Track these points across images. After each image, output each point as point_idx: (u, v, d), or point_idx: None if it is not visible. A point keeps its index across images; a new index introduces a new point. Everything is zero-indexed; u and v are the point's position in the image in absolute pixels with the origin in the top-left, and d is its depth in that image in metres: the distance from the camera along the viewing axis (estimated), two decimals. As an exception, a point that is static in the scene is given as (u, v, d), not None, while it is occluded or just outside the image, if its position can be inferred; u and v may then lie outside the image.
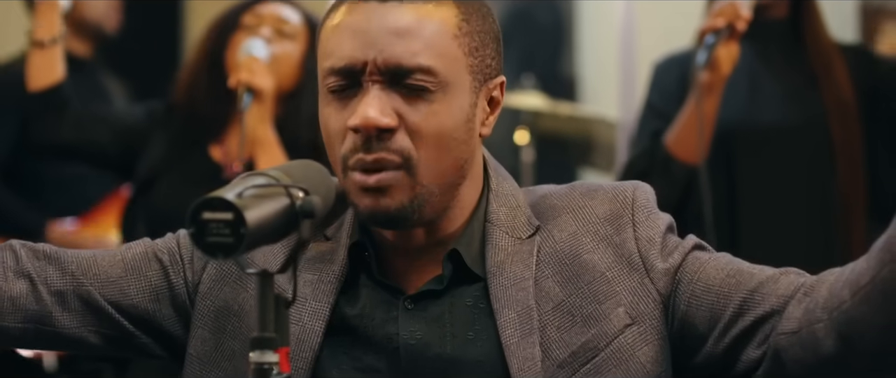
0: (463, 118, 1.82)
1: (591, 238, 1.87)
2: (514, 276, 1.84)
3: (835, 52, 3.43)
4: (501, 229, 1.87)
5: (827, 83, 3.41)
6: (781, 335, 1.76)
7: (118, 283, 1.91)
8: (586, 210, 1.89)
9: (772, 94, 3.44)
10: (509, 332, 1.82)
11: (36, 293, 1.89)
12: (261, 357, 1.54)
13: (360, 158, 1.78)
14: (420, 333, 1.83)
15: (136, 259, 1.92)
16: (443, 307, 1.84)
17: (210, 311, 1.89)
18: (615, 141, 4.66)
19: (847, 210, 3.42)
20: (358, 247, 1.87)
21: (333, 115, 1.81)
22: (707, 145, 3.24)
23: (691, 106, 3.26)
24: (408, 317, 1.84)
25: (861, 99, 3.41)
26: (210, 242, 1.53)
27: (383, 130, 1.77)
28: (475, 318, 1.84)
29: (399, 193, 1.79)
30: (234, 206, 1.52)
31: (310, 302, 1.85)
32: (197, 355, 1.89)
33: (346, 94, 1.80)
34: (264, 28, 3.35)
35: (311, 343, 1.83)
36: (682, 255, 1.86)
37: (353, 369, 1.84)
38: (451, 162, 1.82)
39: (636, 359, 1.83)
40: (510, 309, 1.83)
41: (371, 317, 1.85)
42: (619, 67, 4.77)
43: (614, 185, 1.92)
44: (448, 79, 1.80)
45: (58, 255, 1.92)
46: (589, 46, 5.65)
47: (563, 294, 1.84)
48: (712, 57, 3.17)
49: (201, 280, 1.91)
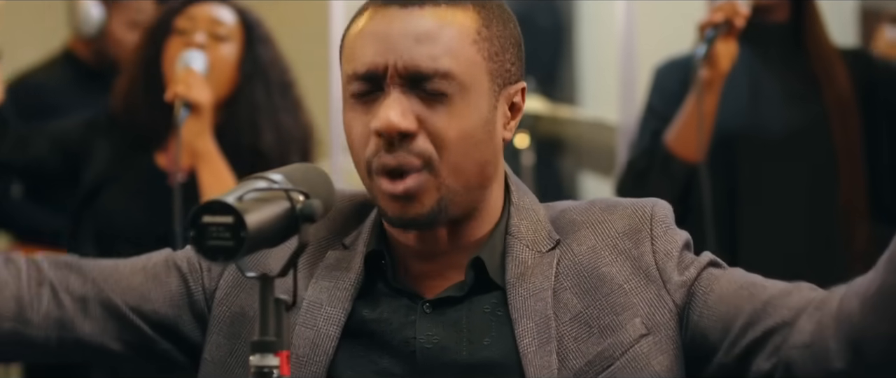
0: (482, 121, 1.83)
1: (610, 251, 1.89)
2: (533, 287, 1.86)
3: (835, 55, 3.44)
4: (522, 243, 1.89)
5: (828, 86, 3.41)
6: (793, 349, 1.76)
7: (139, 290, 1.92)
8: (606, 225, 1.91)
9: (773, 98, 3.44)
10: (527, 341, 1.83)
11: (58, 301, 1.90)
12: (261, 360, 1.54)
13: (383, 162, 1.80)
14: (437, 337, 1.84)
15: (157, 267, 1.94)
16: (460, 312, 1.86)
17: (226, 316, 1.90)
18: (615, 144, 4.66)
19: (848, 212, 3.42)
20: (375, 255, 1.88)
21: (357, 119, 1.83)
22: (706, 143, 3.25)
23: (691, 104, 3.26)
24: (426, 321, 1.85)
25: (861, 102, 3.42)
26: (210, 246, 1.53)
27: (404, 134, 1.80)
28: (492, 325, 1.85)
29: (426, 198, 1.81)
30: (234, 209, 1.52)
31: (325, 307, 1.86)
32: (212, 360, 1.90)
33: (369, 99, 1.82)
34: (199, 33, 3.33)
35: (326, 347, 1.84)
36: (697, 270, 1.88)
37: (370, 372, 1.85)
38: (473, 164, 1.83)
39: (651, 367, 1.84)
40: (528, 319, 1.84)
41: (389, 321, 1.86)
42: (619, 71, 4.76)
43: (633, 202, 1.94)
44: (467, 83, 1.82)
45: (79, 264, 1.93)
46: (589, 49, 5.64)
47: (581, 305, 1.86)
48: (711, 51, 3.18)
49: (218, 286, 1.92)
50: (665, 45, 3.85)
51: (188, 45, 3.31)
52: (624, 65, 4.68)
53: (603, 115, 4.97)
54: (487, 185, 1.87)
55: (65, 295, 1.90)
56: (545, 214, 1.93)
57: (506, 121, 1.89)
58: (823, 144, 3.42)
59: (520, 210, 1.91)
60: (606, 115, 4.95)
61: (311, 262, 1.90)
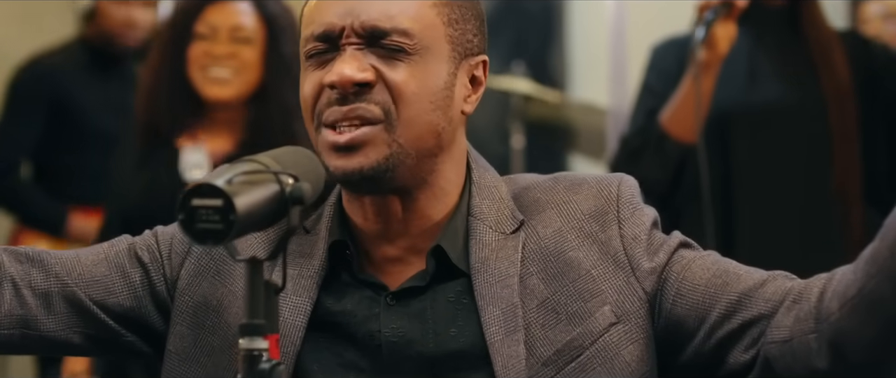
0: (441, 85, 1.82)
1: (576, 235, 1.86)
2: (498, 273, 1.83)
3: (834, 39, 3.44)
4: (485, 224, 1.86)
5: (825, 69, 3.41)
6: (772, 344, 1.75)
7: (103, 283, 1.89)
8: (571, 206, 1.88)
9: (770, 80, 3.44)
10: (494, 330, 1.80)
11: (20, 297, 1.87)
12: (250, 344, 1.54)
13: (334, 110, 1.78)
14: (402, 330, 1.82)
15: (120, 257, 1.91)
16: (425, 303, 1.83)
17: (188, 306, 1.88)
18: (604, 128, 4.66)
19: (844, 195, 3.42)
20: (338, 245, 1.86)
21: (310, 78, 1.82)
22: (702, 124, 3.24)
23: (687, 84, 3.26)
24: (390, 313, 1.83)
25: (858, 85, 3.42)
26: (199, 229, 1.53)
27: (361, 85, 1.78)
28: (458, 314, 1.83)
29: (373, 151, 1.78)
30: (223, 192, 1.52)
31: (290, 297, 1.83)
32: (175, 351, 1.88)
33: (324, 58, 1.81)
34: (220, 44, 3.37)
35: (293, 337, 1.82)
36: (667, 254, 1.85)
37: (336, 365, 1.83)
38: (428, 126, 1.81)
39: (621, 357, 1.82)
40: (494, 306, 1.82)
41: (353, 313, 1.84)
42: (609, 55, 4.76)
43: (599, 180, 1.91)
44: (425, 43, 1.80)
45: (41, 258, 1.89)
46: (579, 34, 5.64)
47: (547, 291, 1.83)
48: (710, 34, 3.18)
49: (179, 276, 1.89)
50: (655, 29, 3.85)
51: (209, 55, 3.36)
52: (614, 48, 4.68)
53: (593, 99, 4.97)
54: (440, 155, 1.84)
55: (27, 291, 1.87)
56: (507, 191, 1.90)
57: (466, 94, 1.86)
58: (820, 128, 3.42)
59: (481, 189, 1.88)
60: (597, 98, 4.96)
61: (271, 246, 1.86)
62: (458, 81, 1.84)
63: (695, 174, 3.25)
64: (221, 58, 3.35)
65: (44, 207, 4.53)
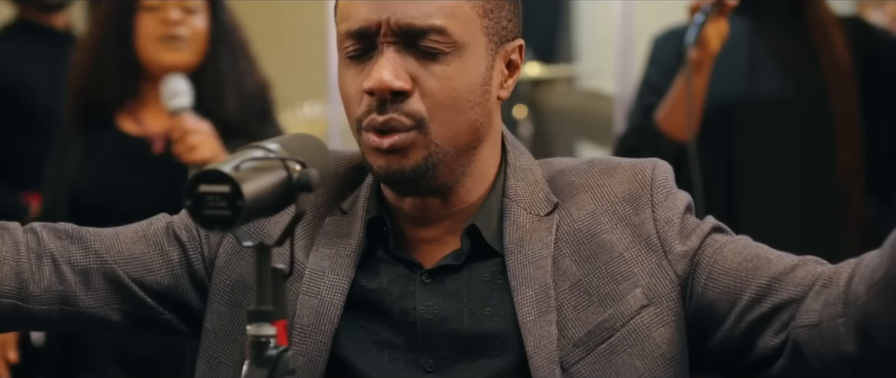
0: (479, 81, 1.82)
1: (610, 218, 1.87)
2: (532, 254, 1.84)
3: (834, 24, 3.43)
4: (520, 205, 1.87)
5: (826, 55, 3.41)
6: (801, 328, 1.75)
7: (141, 260, 1.91)
8: (605, 188, 1.89)
9: (770, 67, 3.44)
10: (526, 310, 1.82)
11: (60, 274, 1.88)
12: (258, 330, 1.54)
13: (372, 119, 1.80)
14: (437, 308, 1.84)
15: (158, 235, 1.92)
16: (460, 282, 1.85)
17: (226, 285, 1.90)
18: (612, 114, 4.65)
19: (846, 182, 3.42)
20: (375, 221, 1.87)
21: (351, 79, 1.83)
22: (697, 122, 3.24)
23: (682, 83, 3.26)
24: (425, 291, 1.85)
25: (859, 71, 3.41)
26: (207, 215, 1.52)
27: (397, 93, 1.79)
28: (492, 294, 1.84)
29: (413, 154, 1.80)
30: (231, 178, 1.52)
31: (328, 275, 1.85)
32: (212, 329, 1.90)
33: (363, 58, 1.81)
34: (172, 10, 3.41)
35: (331, 316, 1.84)
36: (700, 238, 1.86)
37: (370, 343, 1.84)
38: (466, 124, 1.82)
39: (652, 339, 1.83)
40: (527, 286, 1.83)
41: (388, 291, 1.85)
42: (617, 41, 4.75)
43: (633, 164, 1.92)
44: (462, 40, 1.81)
45: (80, 234, 1.91)
46: (586, 20, 5.64)
47: (580, 273, 1.85)
48: (701, 35, 3.18)
49: (217, 254, 1.91)
50: (663, 16, 3.84)
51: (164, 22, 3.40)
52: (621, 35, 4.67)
53: (600, 86, 4.97)
54: (478, 147, 1.86)
55: (66, 267, 1.89)
56: (542, 175, 1.91)
57: (503, 79, 1.88)
58: (822, 114, 3.42)
59: (516, 171, 1.90)
60: (604, 85, 4.95)
61: (310, 229, 1.89)
62: (495, 70, 1.85)
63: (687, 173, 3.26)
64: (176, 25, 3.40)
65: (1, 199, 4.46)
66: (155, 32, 3.41)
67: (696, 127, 3.24)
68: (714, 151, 3.36)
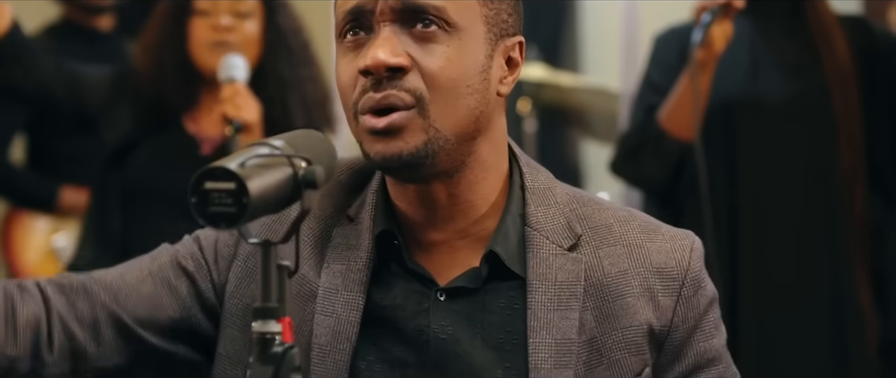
0: (478, 68, 1.79)
1: (640, 284, 1.84)
2: (559, 301, 1.81)
3: (834, 23, 3.43)
4: (541, 234, 1.84)
5: (827, 55, 3.41)
6: None
7: (150, 300, 1.87)
8: (642, 250, 1.86)
9: (772, 67, 3.44)
10: (542, 356, 1.79)
11: (68, 333, 1.84)
12: (263, 327, 1.53)
13: (369, 97, 1.76)
14: (451, 328, 1.81)
15: (164, 270, 1.89)
16: (475, 305, 1.82)
17: (238, 309, 1.87)
18: (617, 111, 4.65)
19: (848, 182, 3.42)
20: (385, 235, 1.84)
21: (346, 64, 1.79)
22: (700, 123, 3.25)
23: (685, 83, 3.27)
24: (439, 309, 1.82)
25: (860, 70, 3.41)
26: (212, 212, 1.52)
27: (395, 70, 1.75)
28: (508, 320, 1.81)
29: (412, 136, 1.76)
30: (236, 175, 1.52)
31: (342, 293, 1.82)
32: (226, 354, 1.87)
33: (359, 41, 1.78)
34: (223, 16, 3.36)
35: (349, 334, 1.81)
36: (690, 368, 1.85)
37: (381, 361, 1.81)
38: (466, 111, 1.78)
39: None
40: (548, 333, 1.80)
41: (402, 307, 1.82)
42: (622, 37, 4.75)
43: (673, 236, 1.88)
44: (461, 24, 1.77)
45: (85, 286, 1.87)
46: (591, 16, 5.63)
47: (597, 330, 1.82)
48: (706, 35, 3.18)
49: (228, 279, 1.88)
50: (667, 13, 3.84)
51: (215, 28, 3.35)
52: (626, 31, 4.67)
53: (605, 83, 4.96)
54: (478, 138, 1.81)
55: (75, 324, 1.85)
56: (564, 196, 1.88)
57: (503, 75, 1.83)
58: (823, 113, 3.42)
59: (534, 193, 1.86)
60: (609, 82, 4.95)
61: (319, 243, 1.86)
62: (494, 63, 1.81)
63: (694, 172, 3.26)
64: (226, 31, 3.35)
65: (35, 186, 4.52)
66: (206, 38, 3.36)
67: (700, 126, 3.24)
68: (716, 151, 3.36)
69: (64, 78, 3.63)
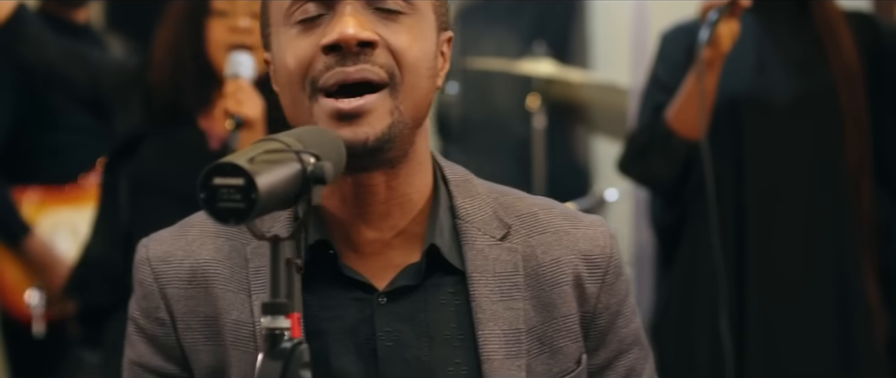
0: (432, 52, 1.79)
1: (571, 269, 1.85)
2: (501, 292, 1.80)
3: (841, 20, 3.43)
4: (473, 225, 1.83)
5: (834, 52, 3.41)
6: None
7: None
8: (571, 238, 1.86)
9: (778, 65, 3.44)
10: (493, 348, 1.78)
11: None
12: (273, 322, 1.54)
13: (338, 72, 1.72)
14: (397, 333, 1.78)
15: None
16: (418, 304, 1.80)
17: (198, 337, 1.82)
18: (627, 107, 4.65)
19: (855, 179, 3.42)
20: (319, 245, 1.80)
21: (301, 43, 1.75)
22: (707, 121, 3.25)
23: (692, 82, 3.27)
24: (383, 314, 1.79)
25: (866, 67, 3.41)
26: (221, 208, 1.52)
27: (364, 45, 1.72)
28: (452, 316, 1.80)
29: (378, 120, 1.73)
30: (245, 171, 1.52)
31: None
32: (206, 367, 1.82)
33: (316, 22, 1.75)
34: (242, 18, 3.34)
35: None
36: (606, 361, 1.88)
37: (325, 373, 1.76)
38: (423, 93, 1.77)
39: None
40: (495, 323, 1.79)
41: (343, 319, 1.79)
42: (631, 34, 4.74)
43: (592, 222, 1.89)
44: (419, 8, 1.77)
45: None
46: (601, 13, 5.63)
47: (537, 319, 1.82)
48: (714, 34, 3.18)
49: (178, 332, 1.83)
50: (677, 9, 3.83)
51: (233, 30, 3.34)
52: (636, 28, 4.67)
53: (615, 79, 4.96)
54: (418, 129, 1.79)
55: None
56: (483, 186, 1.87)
57: (440, 66, 1.83)
58: (830, 111, 3.41)
59: (458, 185, 1.85)
60: (618, 78, 4.95)
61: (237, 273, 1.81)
62: (437, 52, 1.81)
63: (700, 171, 3.26)
64: (245, 33, 3.33)
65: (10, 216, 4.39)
66: (224, 40, 3.34)
67: (707, 125, 3.25)
68: (723, 149, 3.36)
69: (78, 59, 3.61)
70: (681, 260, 3.47)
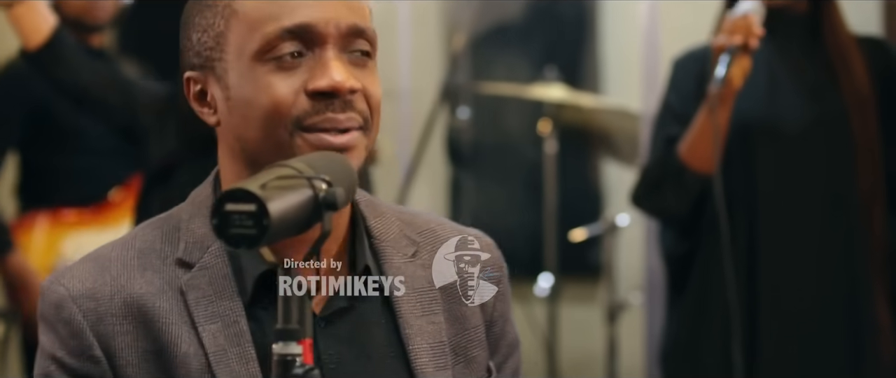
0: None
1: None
2: (422, 307, 1.85)
3: (852, 46, 3.43)
4: (387, 244, 1.87)
5: (845, 77, 3.40)
6: None
7: None
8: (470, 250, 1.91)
9: (790, 90, 3.44)
10: (423, 361, 1.83)
11: None
12: (284, 348, 1.54)
13: (329, 118, 1.76)
14: (339, 355, 1.81)
15: None
16: (354, 324, 1.83)
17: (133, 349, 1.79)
18: (637, 132, 4.65)
19: (867, 204, 3.41)
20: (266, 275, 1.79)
21: (281, 81, 1.76)
22: (720, 156, 3.25)
23: (704, 117, 3.27)
24: (324, 338, 1.81)
25: (878, 92, 3.41)
26: (233, 234, 1.53)
27: (352, 92, 1.77)
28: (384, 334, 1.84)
29: (358, 156, 1.78)
30: (257, 197, 1.52)
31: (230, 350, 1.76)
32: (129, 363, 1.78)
33: (294, 63, 1.77)
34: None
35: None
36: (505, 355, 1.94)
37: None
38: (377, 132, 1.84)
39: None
40: (422, 338, 1.84)
41: None
42: (642, 59, 4.75)
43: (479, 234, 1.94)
44: (376, 50, 1.83)
45: None
46: (612, 38, 5.64)
47: (451, 331, 1.87)
48: (728, 74, 3.18)
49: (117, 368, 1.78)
50: (688, 34, 3.84)
51: None
52: (647, 53, 4.68)
53: (626, 104, 4.96)
54: None
55: None
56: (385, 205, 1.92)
57: None
58: (842, 136, 3.41)
59: (368, 206, 1.90)
60: (629, 103, 4.95)
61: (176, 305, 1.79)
62: None
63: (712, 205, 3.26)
64: None
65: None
66: None
67: (720, 160, 3.25)
68: (734, 175, 3.36)
69: (112, 84, 3.61)
70: (692, 289, 3.47)
